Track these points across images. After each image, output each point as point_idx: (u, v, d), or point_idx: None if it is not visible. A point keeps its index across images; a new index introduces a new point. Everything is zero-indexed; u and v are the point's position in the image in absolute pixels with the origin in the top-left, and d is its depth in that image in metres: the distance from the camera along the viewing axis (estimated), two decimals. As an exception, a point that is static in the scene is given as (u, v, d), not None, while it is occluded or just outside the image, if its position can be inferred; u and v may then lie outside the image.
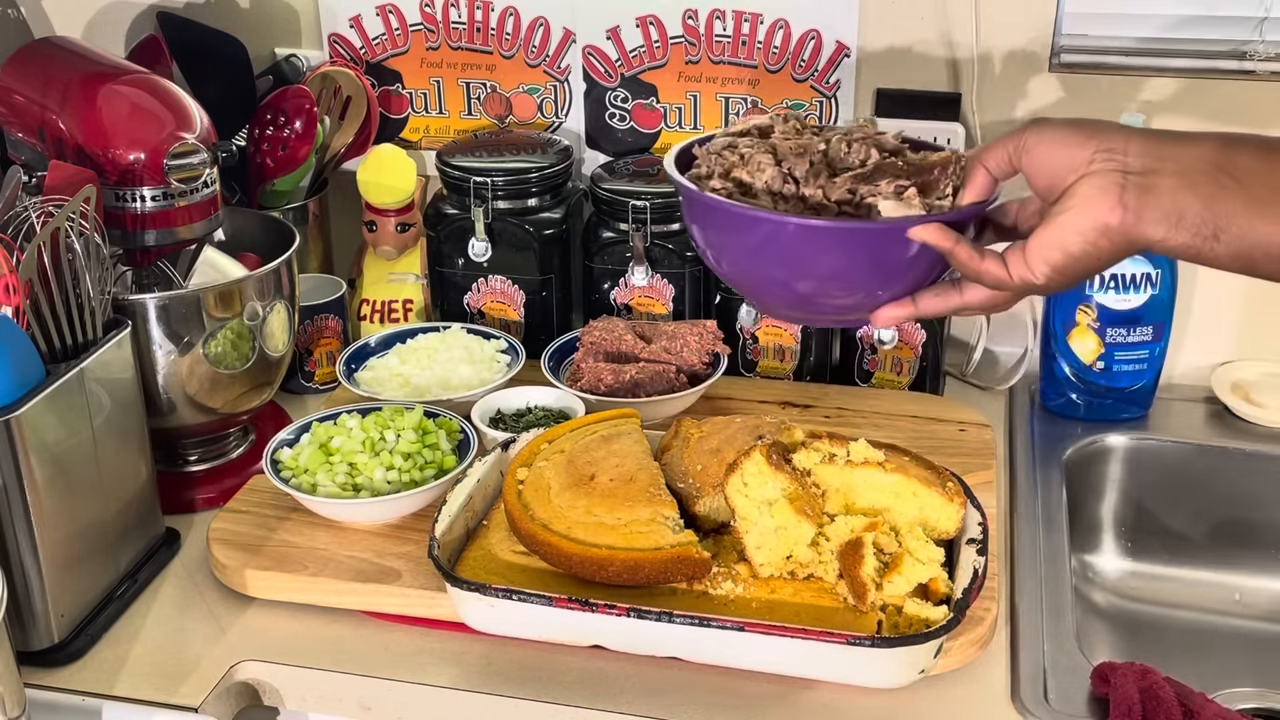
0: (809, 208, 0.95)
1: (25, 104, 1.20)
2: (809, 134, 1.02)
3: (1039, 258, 0.86)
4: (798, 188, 0.96)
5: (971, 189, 0.92)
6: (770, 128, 1.04)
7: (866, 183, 0.95)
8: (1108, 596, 1.36)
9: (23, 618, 1.04)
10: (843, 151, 0.98)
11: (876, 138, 1.00)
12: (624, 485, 1.03)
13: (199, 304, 1.18)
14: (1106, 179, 0.83)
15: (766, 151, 0.99)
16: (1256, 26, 1.36)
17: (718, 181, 0.99)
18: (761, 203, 0.96)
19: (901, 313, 0.96)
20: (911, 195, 0.93)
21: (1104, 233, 0.83)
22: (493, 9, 1.52)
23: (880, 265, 0.94)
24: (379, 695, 1.03)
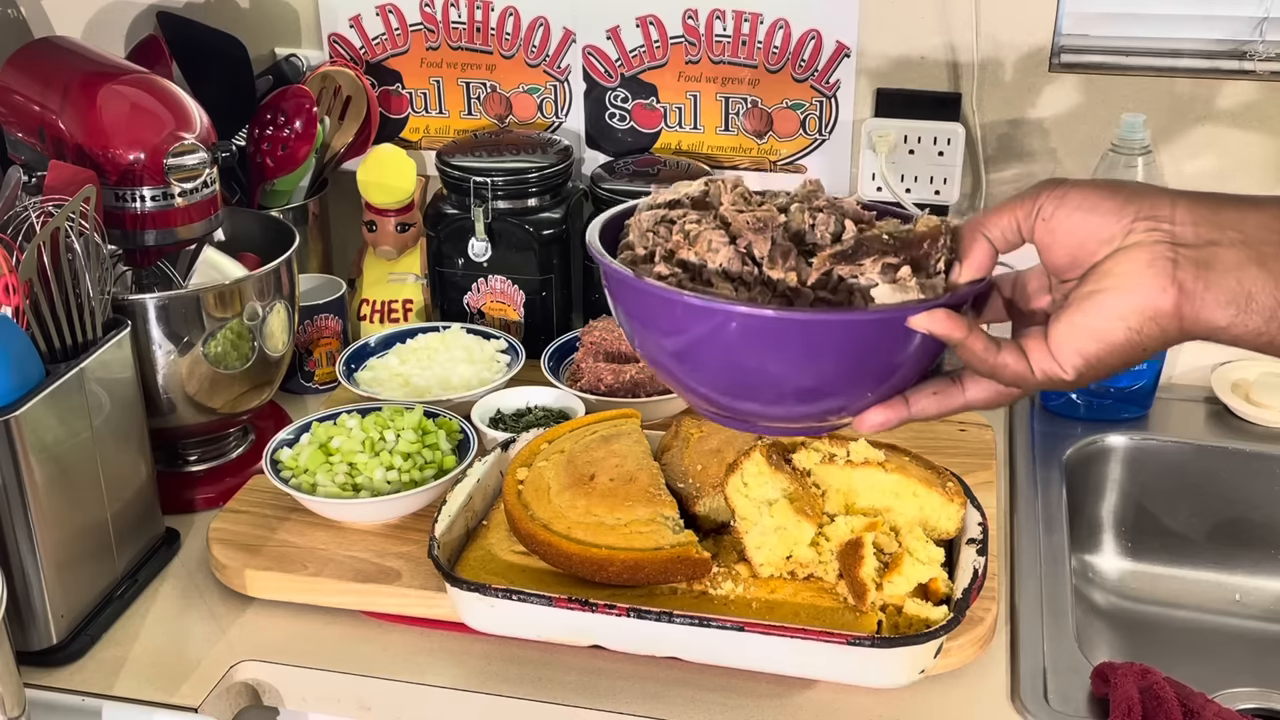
0: (778, 294, 0.77)
1: (25, 104, 1.20)
2: (759, 203, 0.83)
3: (1070, 349, 0.71)
4: (759, 270, 0.77)
5: (970, 263, 0.76)
6: (706, 195, 0.84)
7: (847, 262, 0.76)
8: (1108, 596, 1.36)
9: (22, 618, 1.04)
10: (807, 224, 0.80)
11: (841, 205, 0.82)
12: (624, 485, 1.03)
13: (199, 304, 1.18)
14: (1153, 253, 0.68)
15: (717, 227, 0.79)
16: (1257, 26, 1.36)
17: (662, 266, 0.78)
18: (720, 290, 0.76)
19: (892, 415, 0.79)
20: (906, 275, 0.75)
21: (1153, 318, 0.69)
22: (493, 9, 1.52)
23: (870, 362, 0.76)
24: (379, 695, 1.03)
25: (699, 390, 0.80)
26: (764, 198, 0.84)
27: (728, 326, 0.74)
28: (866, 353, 0.76)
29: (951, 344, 0.74)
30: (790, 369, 0.75)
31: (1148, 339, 0.70)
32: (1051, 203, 0.72)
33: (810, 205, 0.81)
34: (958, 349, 0.75)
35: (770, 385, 0.77)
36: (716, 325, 0.74)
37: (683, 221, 0.81)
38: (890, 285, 0.74)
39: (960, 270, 0.76)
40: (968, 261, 0.76)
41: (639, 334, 0.81)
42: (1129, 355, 0.71)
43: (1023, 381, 0.75)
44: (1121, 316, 0.69)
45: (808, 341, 0.74)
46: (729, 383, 0.78)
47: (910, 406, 0.79)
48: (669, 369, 0.80)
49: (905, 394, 0.79)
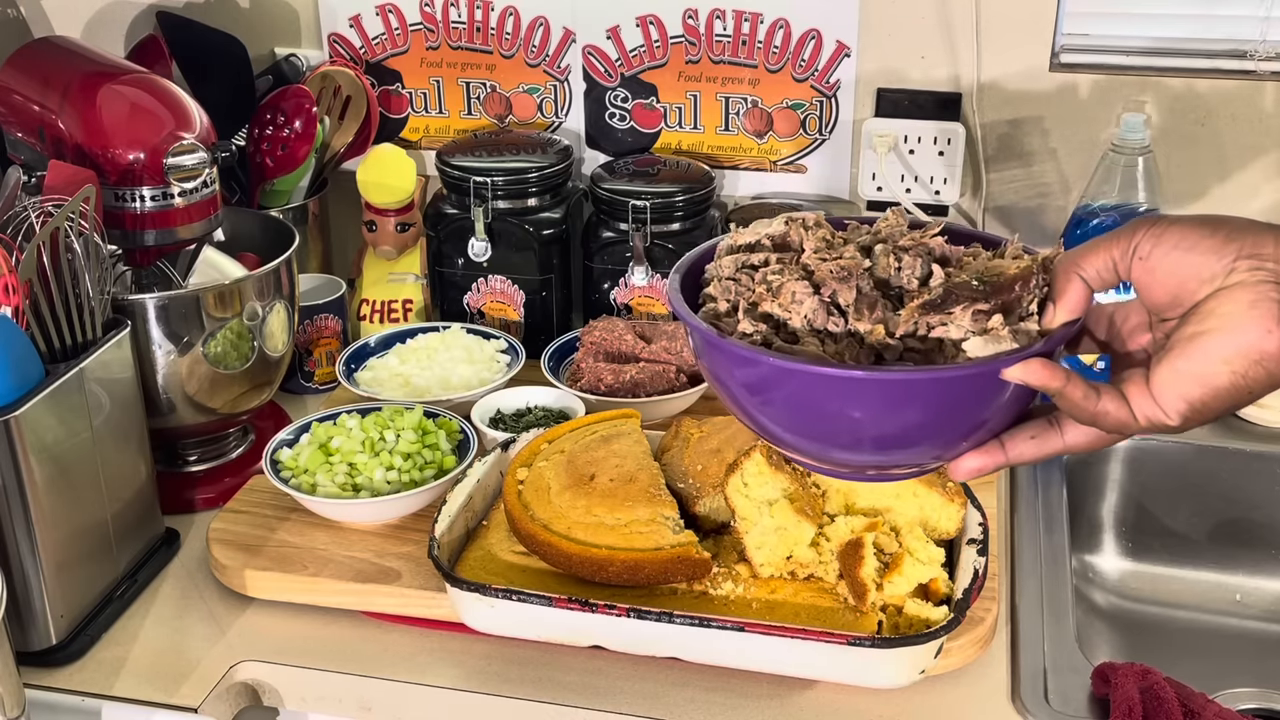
0: (865, 347, 0.75)
1: (25, 104, 1.20)
2: (841, 244, 0.80)
3: (1174, 394, 0.68)
4: (846, 321, 0.75)
5: (1064, 303, 0.72)
6: (786, 236, 0.82)
7: (936, 311, 0.73)
8: (1108, 597, 1.36)
9: (22, 618, 1.03)
10: (892, 267, 0.77)
11: (928, 244, 0.79)
12: (624, 485, 1.03)
13: (199, 304, 1.18)
14: (1257, 293, 0.66)
15: (799, 277, 0.77)
16: (1257, 26, 1.36)
17: (747, 323, 0.76)
18: (807, 347, 0.74)
19: (989, 461, 0.76)
20: (998, 324, 0.72)
21: (1258, 361, 0.66)
22: (493, 9, 1.52)
23: (963, 414, 0.74)
24: (379, 695, 1.03)
25: (796, 444, 0.79)
26: (846, 237, 0.81)
27: (818, 387, 0.73)
28: (959, 406, 0.74)
29: (1049, 394, 0.72)
30: (884, 423, 0.74)
31: (1253, 382, 0.67)
32: (1149, 241, 0.70)
33: (895, 245, 0.78)
34: (1055, 398, 0.72)
35: (863, 438, 0.75)
36: (806, 385, 0.73)
37: (764, 271, 0.79)
38: (982, 337, 0.72)
39: (1054, 311, 0.73)
40: (1062, 302, 0.73)
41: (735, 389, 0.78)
42: (1234, 399, 0.68)
43: (1125, 428, 0.72)
44: (1225, 360, 0.67)
45: (899, 398, 0.72)
46: (824, 437, 0.77)
47: (1007, 452, 0.76)
48: (766, 428, 0.79)
49: (1002, 438, 0.76)
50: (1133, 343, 0.76)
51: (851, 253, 0.78)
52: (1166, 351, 0.69)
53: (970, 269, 0.76)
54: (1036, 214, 1.45)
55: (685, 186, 1.42)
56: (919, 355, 0.74)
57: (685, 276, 0.82)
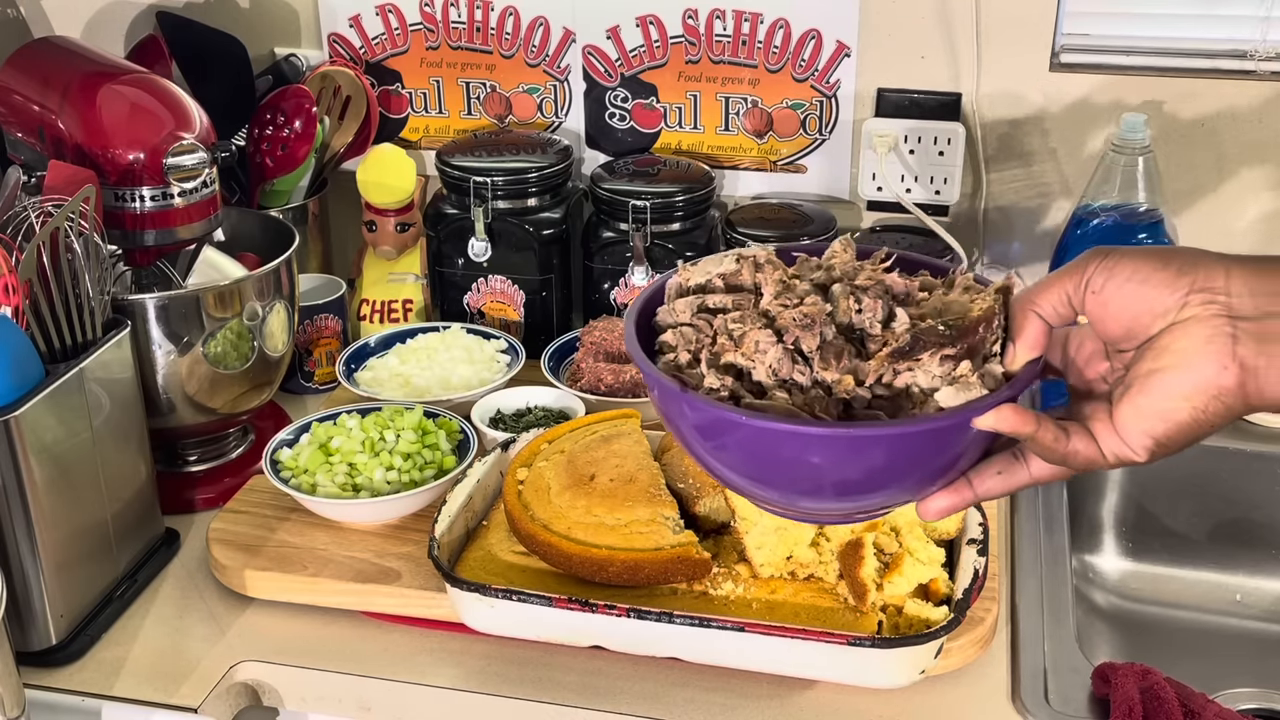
0: (833, 396, 0.74)
1: (24, 104, 1.20)
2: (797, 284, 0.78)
3: (1138, 430, 0.69)
4: (811, 368, 0.74)
5: (1024, 343, 0.72)
6: (739, 275, 0.80)
7: (905, 359, 0.73)
8: (1108, 597, 1.36)
9: (22, 618, 1.03)
10: (852, 309, 0.76)
11: (885, 281, 0.77)
12: (624, 485, 1.03)
13: (198, 304, 1.18)
14: (1210, 328, 0.66)
15: (762, 325, 0.75)
16: (1257, 26, 1.36)
17: (713, 377, 0.74)
18: (776, 400, 0.73)
19: (958, 500, 0.76)
20: (965, 370, 0.72)
21: (1216, 396, 0.67)
22: (493, 9, 1.52)
23: (934, 461, 0.74)
24: (379, 695, 1.03)
25: (762, 494, 0.78)
26: (799, 274, 0.80)
27: (793, 444, 0.71)
28: (932, 454, 0.73)
29: (1021, 439, 0.72)
30: (858, 474, 0.73)
31: (1214, 416, 0.68)
32: (1101, 275, 0.69)
33: (853, 285, 0.77)
34: (1028, 443, 0.72)
35: (837, 488, 0.75)
36: (780, 442, 0.71)
37: (725, 319, 0.77)
38: (952, 387, 0.72)
39: (1014, 352, 0.73)
40: (1021, 340, 0.72)
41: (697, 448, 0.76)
42: (1196, 432, 0.69)
43: (1094, 466, 0.72)
44: (1185, 396, 0.68)
45: (878, 451, 0.72)
46: (793, 489, 0.76)
47: (975, 489, 0.76)
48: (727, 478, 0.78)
49: (969, 475, 0.76)
50: (1090, 370, 0.76)
51: (812, 297, 0.77)
52: (1127, 388, 0.70)
53: (929, 307, 0.76)
54: (1036, 214, 1.45)
55: (685, 186, 1.42)
56: (886, 403, 0.73)
57: (639, 318, 0.80)
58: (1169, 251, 0.69)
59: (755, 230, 1.39)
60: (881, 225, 1.47)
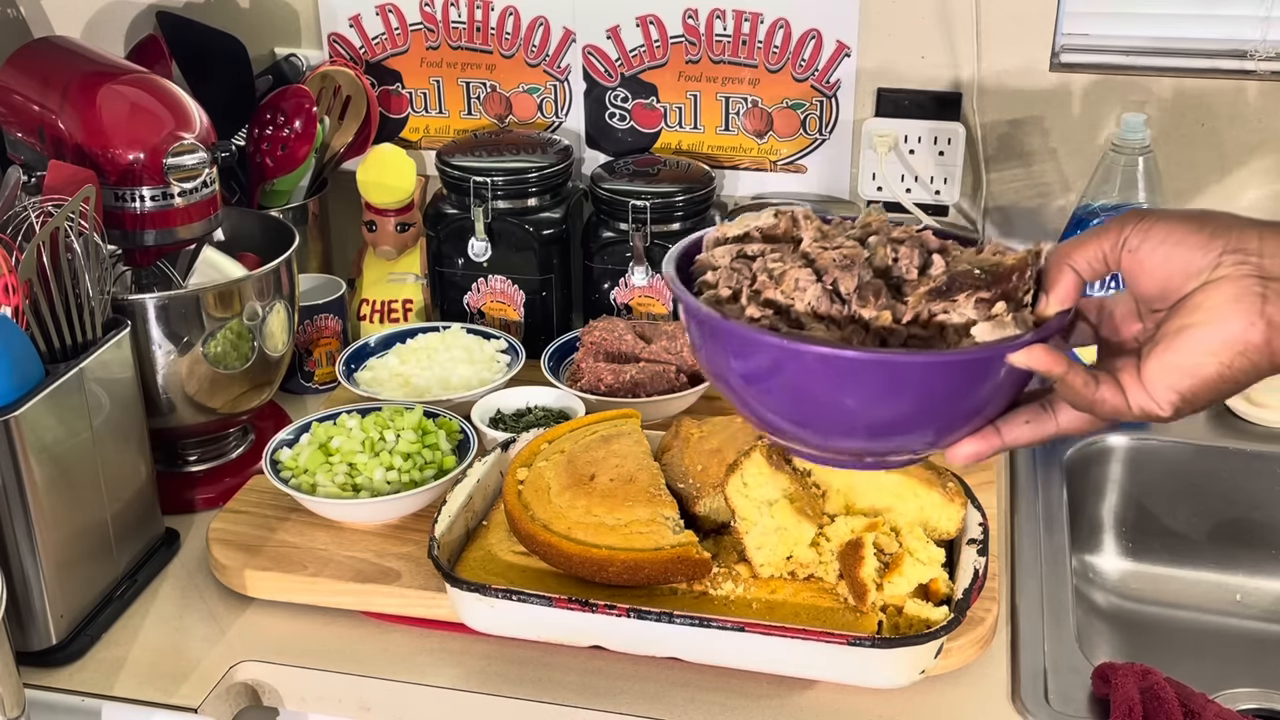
0: (871, 333, 0.76)
1: (25, 104, 1.20)
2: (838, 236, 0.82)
3: (1163, 385, 0.71)
4: (845, 308, 0.76)
5: (1057, 294, 0.75)
6: (776, 229, 0.84)
7: (942, 299, 0.76)
8: (1108, 597, 1.36)
9: (22, 618, 1.03)
10: (889, 256, 0.79)
11: (921, 237, 0.81)
12: (624, 485, 1.03)
13: (199, 304, 1.18)
14: (1240, 287, 0.69)
15: (802, 265, 0.78)
16: (1257, 26, 1.36)
17: (754, 308, 0.77)
18: (814, 331, 0.75)
19: (985, 446, 0.77)
20: (1001, 311, 0.74)
21: (1243, 352, 0.69)
22: (493, 8, 1.52)
23: (967, 398, 0.75)
24: (379, 695, 1.03)
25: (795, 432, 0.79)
26: (837, 230, 0.83)
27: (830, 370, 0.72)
28: (963, 390, 0.74)
29: (1051, 379, 0.74)
30: (888, 408, 0.75)
31: (1239, 372, 0.70)
32: (1138, 235, 0.72)
33: (889, 237, 0.80)
34: (1057, 384, 0.74)
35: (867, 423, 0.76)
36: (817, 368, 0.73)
37: (764, 260, 0.80)
38: (989, 323, 0.74)
39: (1047, 301, 0.75)
40: (1054, 292, 0.75)
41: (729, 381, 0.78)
42: (1221, 389, 0.71)
43: (1119, 416, 0.74)
44: (1212, 352, 0.69)
45: (909, 381, 0.73)
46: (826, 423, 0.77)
47: (1003, 436, 0.78)
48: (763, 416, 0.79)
49: (997, 423, 0.77)
50: (1124, 330, 0.78)
51: (851, 243, 0.79)
52: (1155, 344, 0.72)
53: (964, 259, 0.78)
54: (1036, 214, 1.45)
55: (685, 186, 1.42)
56: (921, 341, 0.75)
57: (678, 263, 0.83)
58: (1204, 214, 0.71)
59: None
60: (881, 225, 1.47)
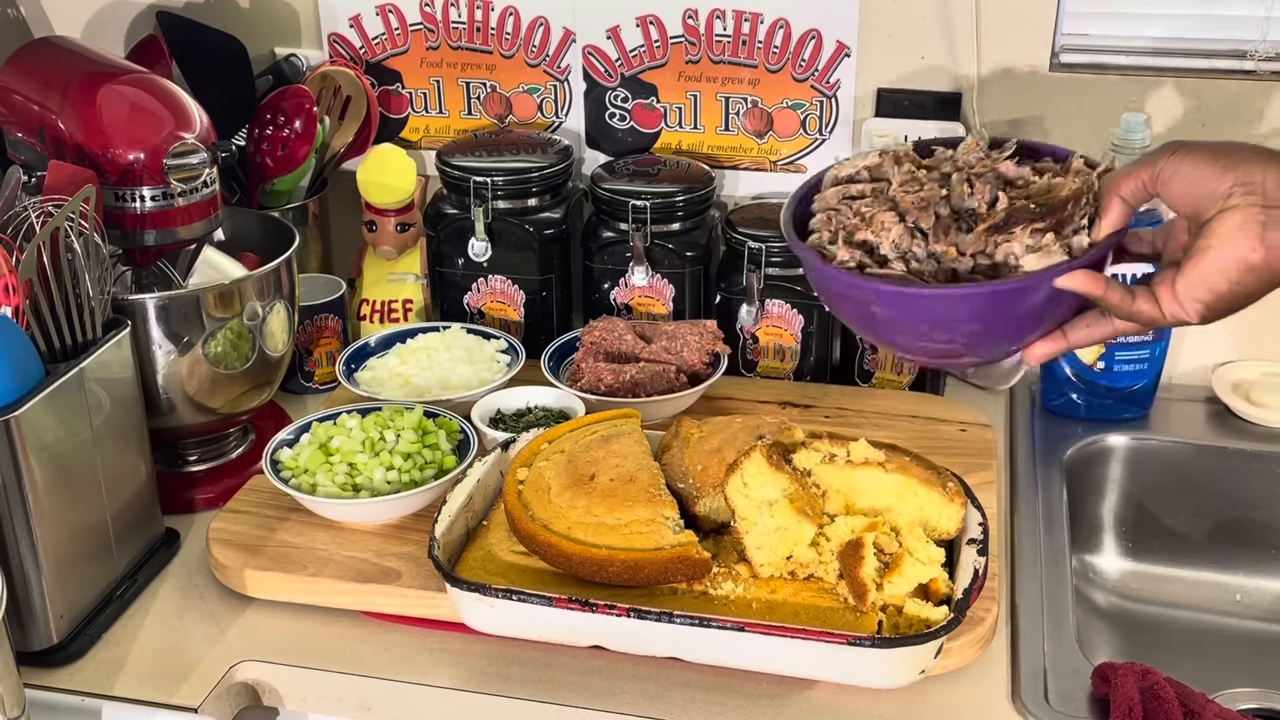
0: (942, 266, 0.92)
1: (25, 104, 1.20)
2: (925, 176, 0.97)
3: (1189, 296, 0.86)
4: (927, 243, 0.93)
5: (1108, 219, 0.90)
6: (880, 168, 1.00)
7: (1000, 233, 0.91)
8: (1108, 596, 1.36)
9: (22, 618, 1.03)
10: (965, 194, 0.95)
11: (997, 169, 0.96)
12: (624, 485, 1.03)
13: (199, 304, 1.18)
14: (1246, 214, 0.82)
15: (888, 208, 0.95)
16: (1257, 26, 1.36)
17: (844, 251, 0.94)
18: (894, 268, 0.93)
19: (1054, 347, 0.94)
20: (1050, 241, 0.90)
21: (1248, 270, 0.83)
22: (493, 9, 1.52)
23: (1027, 315, 0.91)
24: (379, 695, 1.03)
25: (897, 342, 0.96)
26: (931, 164, 0.99)
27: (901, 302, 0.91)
28: (1018, 309, 0.90)
29: (1093, 298, 0.89)
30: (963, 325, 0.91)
31: (1248, 287, 0.84)
32: (1170, 167, 0.86)
33: (971, 172, 0.96)
34: (1099, 301, 0.90)
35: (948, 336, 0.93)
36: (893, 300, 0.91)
37: (859, 204, 0.97)
38: (1036, 254, 0.90)
39: (1100, 226, 0.90)
40: (1105, 219, 0.90)
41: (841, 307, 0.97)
42: (1238, 300, 0.85)
43: (1157, 323, 0.89)
44: (1222, 271, 0.83)
45: (964, 305, 0.90)
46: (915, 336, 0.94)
47: (1069, 338, 0.94)
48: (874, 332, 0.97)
49: (1064, 328, 0.94)
50: (1174, 243, 0.92)
51: (930, 185, 0.96)
52: (1185, 261, 0.86)
53: (1034, 189, 0.94)
54: (1036, 214, 1.45)
55: (685, 186, 1.42)
56: (988, 269, 0.92)
57: (797, 205, 1.01)
58: (1223, 149, 0.85)
59: (755, 230, 1.39)
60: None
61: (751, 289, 1.38)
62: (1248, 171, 0.82)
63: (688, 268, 1.42)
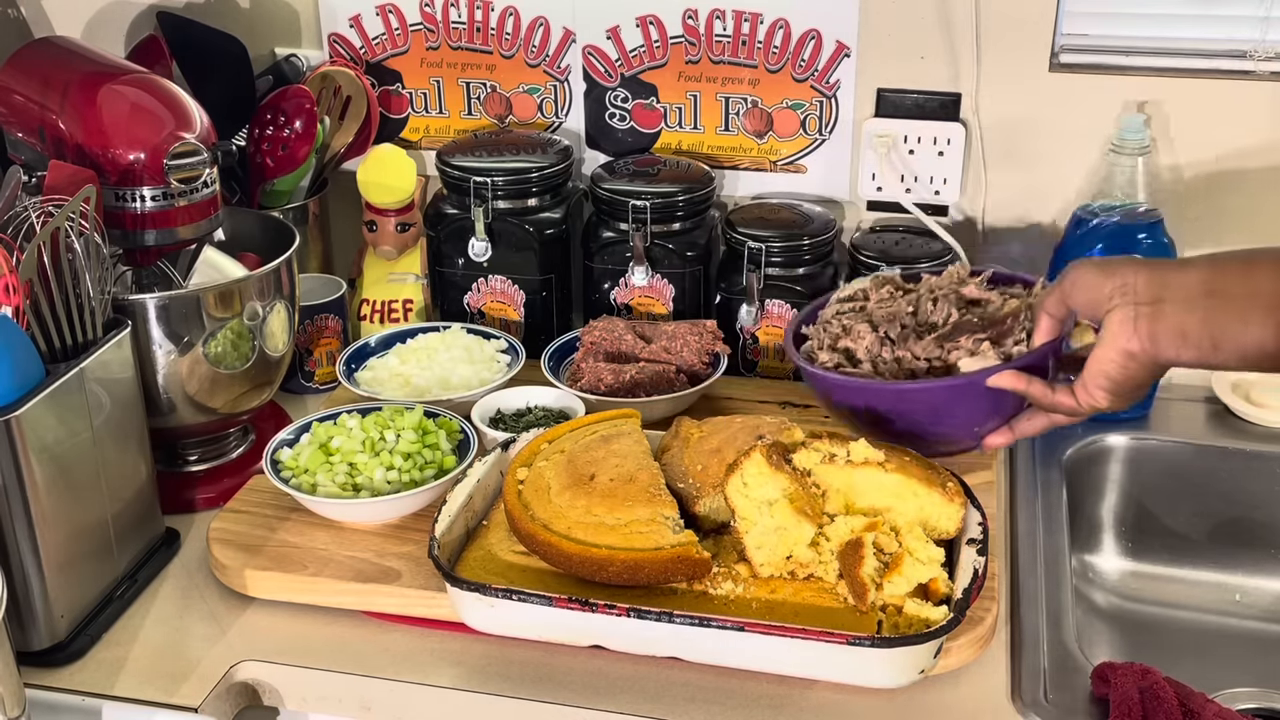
0: (903, 367, 1.12)
1: (25, 104, 1.20)
2: (900, 296, 1.19)
3: (1093, 385, 0.99)
4: (893, 349, 1.13)
5: (1039, 333, 1.05)
6: (870, 290, 1.22)
7: (949, 340, 1.11)
8: (1108, 596, 1.36)
9: (23, 618, 1.04)
10: (929, 309, 1.15)
11: (959, 290, 1.17)
12: (624, 485, 1.03)
13: (199, 304, 1.18)
14: (1124, 312, 0.95)
15: (864, 320, 1.17)
16: (1257, 26, 1.36)
17: (825, 354, 1.16)
18: (863, 369, 1.13)
19: (1003, 439, 1.11)
20: (986, 348, 1.09)
21: (1131, 358, 0.95)
22: (493, 9, 1.52)
23: (971, 409, 1.08)
24: (379, 695, 1.03)
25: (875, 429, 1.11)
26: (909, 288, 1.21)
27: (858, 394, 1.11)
28: (962, 404, 1.08)
29: (1019, 393, 1.05)
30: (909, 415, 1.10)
31: (1134, 372, 0.97)
32: (1069, 283, 1.00)
33: (936, 293, 1.17)
34: (1026, 396, 1.05)
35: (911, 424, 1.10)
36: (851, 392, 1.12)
37: (843, 318, 1.19)
38: (972, 358, 1.09)
39: (1034, 337, 1.06)
40: (1037, 331, 1.06)
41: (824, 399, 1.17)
42: (1132, 384, 0.98)
43: (1077, 412, 1.03)
44: (1112, 360, 0.96)
45: (915, 401, 1.09)
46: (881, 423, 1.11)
47: (1014, 429, 1.11)
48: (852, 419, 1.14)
49: (1011, 421, 1.10)
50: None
51: (899, 302, 1.18)
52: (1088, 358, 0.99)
53: (990, 309, 1.14)
54: (1036, 214, 1.45)
55: (685, 186, 1.42)
56: (942, 371, 1.11)
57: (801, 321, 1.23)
58: (1108, 261, 0.99)
59: (755, 230, 1.39)
60: (881, 225, 1.47)
61: (751, 289, 1.39)
62: (1123, 276, 0.95)
63: (688, 268, 1.42)
